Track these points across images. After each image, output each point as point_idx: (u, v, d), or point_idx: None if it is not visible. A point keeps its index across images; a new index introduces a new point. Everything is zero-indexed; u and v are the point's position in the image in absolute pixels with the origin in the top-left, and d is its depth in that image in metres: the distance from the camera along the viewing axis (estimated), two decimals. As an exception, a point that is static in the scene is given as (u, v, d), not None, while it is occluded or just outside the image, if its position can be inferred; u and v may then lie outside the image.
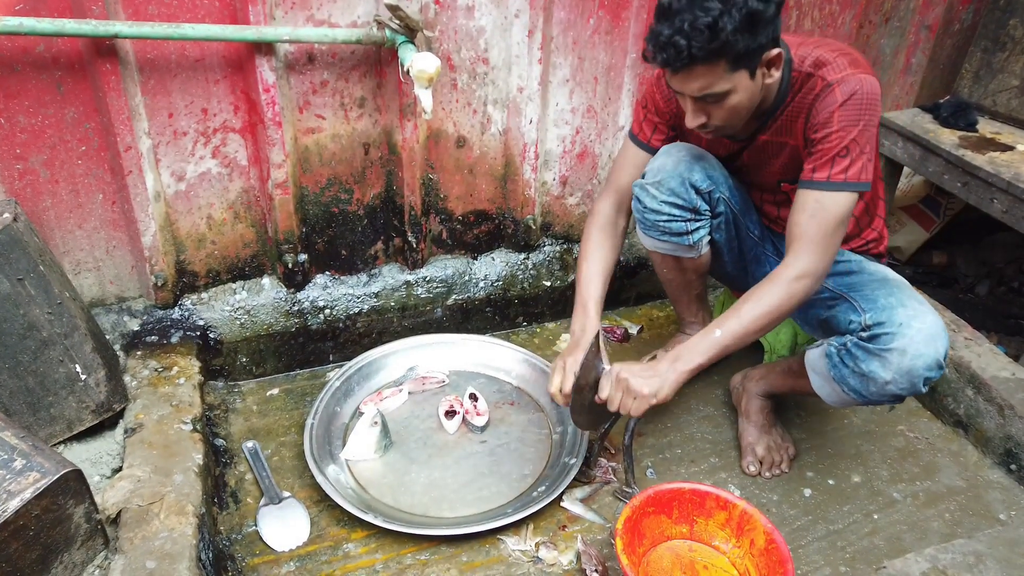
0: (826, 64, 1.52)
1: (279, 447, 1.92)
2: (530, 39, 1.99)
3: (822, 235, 1.52)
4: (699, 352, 1.54)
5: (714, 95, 1.46)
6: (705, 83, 1.44)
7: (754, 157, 1.72)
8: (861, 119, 1.48)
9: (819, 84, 1.52)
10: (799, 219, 1.54)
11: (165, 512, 1.49)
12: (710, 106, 1.49)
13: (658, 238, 1.78)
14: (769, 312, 1.52)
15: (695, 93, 1.46)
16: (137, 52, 1.71)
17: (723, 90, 1.45)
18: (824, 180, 1.51)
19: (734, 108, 1.49)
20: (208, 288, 2.06)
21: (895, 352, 1.53)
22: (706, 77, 1.43)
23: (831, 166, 1.51)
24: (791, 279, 1.52)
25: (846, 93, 1.48)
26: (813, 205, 1.52)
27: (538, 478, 1.85)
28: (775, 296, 1.52)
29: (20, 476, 1.30)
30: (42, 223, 1.81)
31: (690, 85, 1.45)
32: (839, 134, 1.49)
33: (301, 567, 1.64)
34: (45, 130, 1.72)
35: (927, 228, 2.85)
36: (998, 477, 1.92)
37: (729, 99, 1.47)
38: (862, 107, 1.48)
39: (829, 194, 1.51)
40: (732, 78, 1.44)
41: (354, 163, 2.04)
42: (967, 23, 2.61)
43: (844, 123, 1.49)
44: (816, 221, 1.52)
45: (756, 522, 1.60)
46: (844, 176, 1.50)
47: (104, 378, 1.71)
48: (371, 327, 2.20)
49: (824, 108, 1.50)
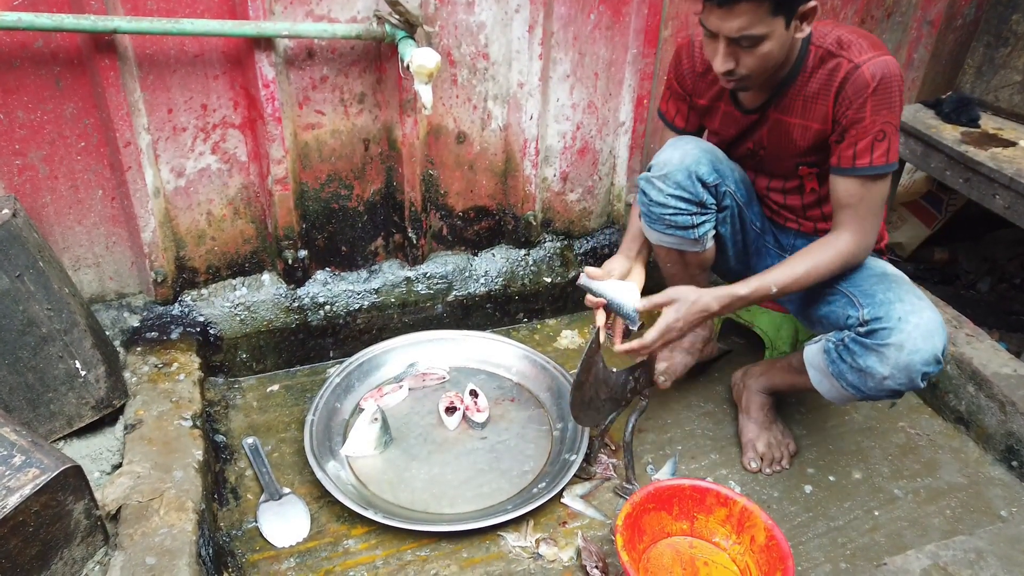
0: (849, 45, 1.53)
1: (279, 443, 1.92)
2: (530, 34, 1.99)
3: (872, 214, 1.61)
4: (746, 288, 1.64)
5: (751, 37, 1.46)
6: (745, 22, 1.44)
7: (772, 138, 1.71)
8: (891, 101, 1.52)
9: (844, 65, 1.53)
10: (847, 200, 1.60)
11: (165, 508, 1.49)
12: (742, 51, 1.49)
13: (663, 231, 1.78)
14: (819, 273, 1.62)
15: (732, 33, 1.46)
16: (136, 47, 1.70)
17: (761, 33, 1.45)
18: (867, 166, 1.56)
19: (765, 56, 1.50)
20: (208, 284, 2.06)
21: (892, 347, 1.53)
22: (748, 16, 1.43)
23: (872, 151, 1.54)
24: (847, 251, 1.62)
25: (876, 77, 1.49)
26: (859, 189, 1.58)
27: (538, 474, 1.85)
28: (830, 259, 1.61)
29: (20, 472, 1.30)
30: (41, 219, 1.81)
31: (730, 23, 1.45)
32: (874, 119, 1.52)
33: (301, 563, 1.64)
34: (44, 126, 1.71)
35: (929, 224, 2.84)
36: (999, 474, 1.91)
37: (763, 45, 1.48)
38: (892, 90, 1.51)
39: (873, 178, 1.57)
40: (771, 22, 1.45)
41: (354, 159, 2.03)
42: (969, 18, 2.60)
43: (878, 107, 1.51)
44: (865, 202, 1.59)
45: (756, 518, 1.60)
46: (885, 159, 1.56)
47: (104, 374, 1.71)
48: (371, 323, 2.20)
49: (856, 94, 1.52)
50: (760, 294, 1.63)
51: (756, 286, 1.63)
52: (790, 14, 1.46)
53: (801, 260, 1.63)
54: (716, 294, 1.64)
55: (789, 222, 1.84)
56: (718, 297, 1.64)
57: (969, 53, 2.57)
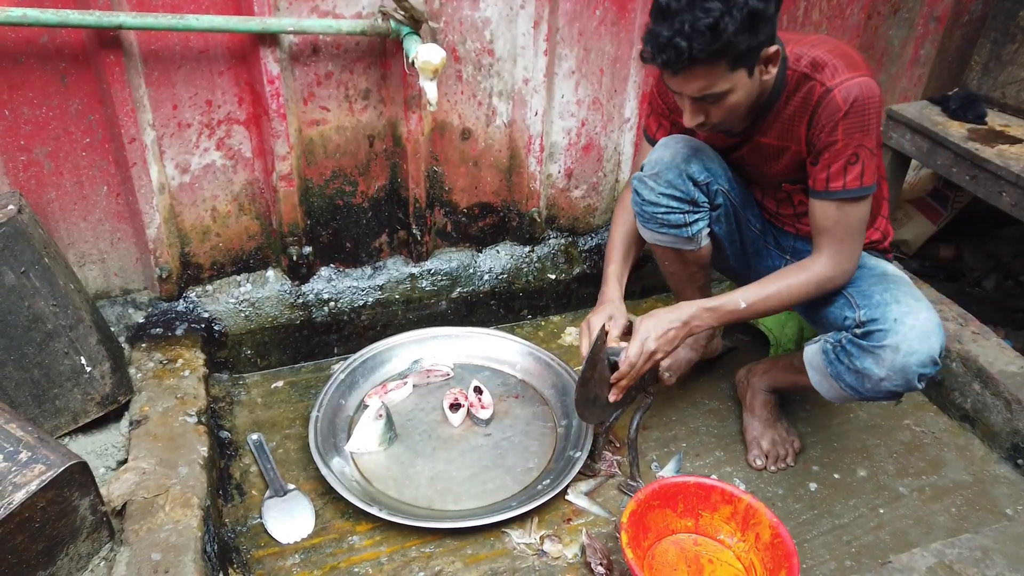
0: (824, 67, 1.51)
1: (284, 440, 1.92)
2: (535, 30, 1.98)
3: (850, 237, 1.59)
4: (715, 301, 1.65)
5: (713, 95, 1.46)
6: (705, 84, 1.43)
7: (753, 157, 1.72)
8: (866, 124, 1.49)
9: (818, 89, 1.51)
10: (823, 224, 1.59)
11: (170, 504, 1.49)
12: (709, 105, 1.50)
13: (656, 230, 1.78)
14: (791, 294, 1.62)
15: (694, 94, 1.46)
16: (141, 43, 1.70)
17: (722, 90, 1.45)
18: (840, 189, 1.54)
19: (733, 106, 1.49)
20: (212, 280, 2.06)
21: (888, 349, 1.54)
22: (706, 78, 1.42)
23: (844, 175, 1.53)
24: (822, 276, 1.60)
25: (848, 100, 1.47)
26: (835, 213, 1.57)
27: (543, 471, 1.85)
28: (802, 282, 1.61)
29: (25, 468, 1.30)
30: (47, 215, 1.81)
31: (689, 86, 1.45)
32: (846, 142, 1.50)
33: (306, 559, 1.64)
34: (49, 122, 1.71)
35: (934, 221, 2.83)
36: (1005, 472, 1.91)
37: (728, 98, 1.47)
38: (865, 112, 1.48)
39: (847, 202, 1.55)
40: (731, 77, 1.43)
41: (358, 155, 2.03)
42: (976, 14, 2.59)
43: (850, 131, 1.49)
44: (841, 226, 1.58)
45: (761, 516, 1.60)
46: (859, 183, 1.53)
47: (109, 370, 1.71)
48: (375, 320, 2.20)
49: (828, 118, 1.50)
50: (728, 308, 1.63)
51: (725, 301, 1.64)
52: (751, 63, 1.44)
53: (773, 281, 1.64)
54: (687, 308, 1.64)
55: (786, 226, 1.84)
56: (689, 312, 1.64)
57: (976, 49, 2.55)
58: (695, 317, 1.64)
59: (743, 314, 1.64)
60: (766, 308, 1.65)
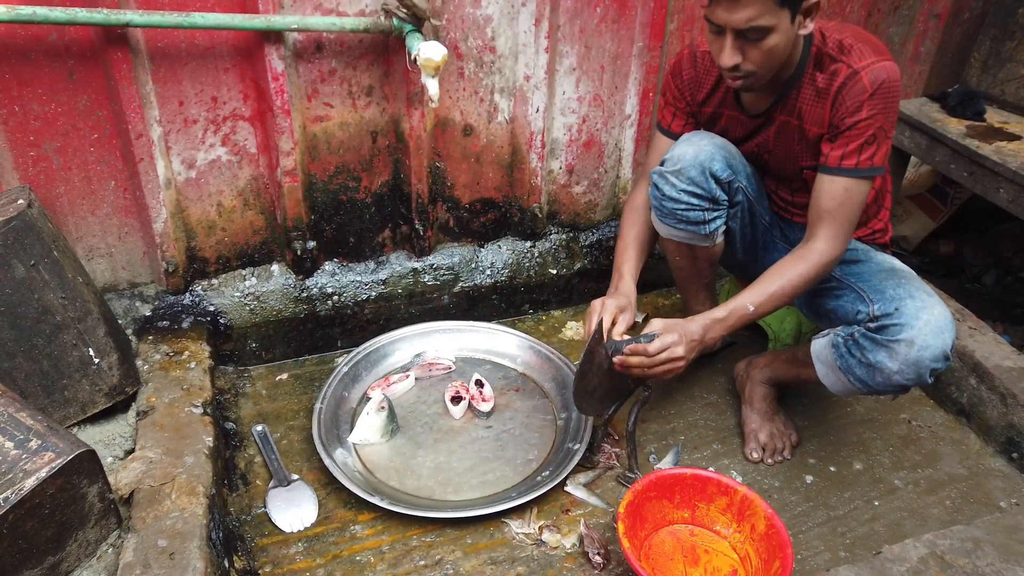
0: (850, 50, 1.54)
1: (288, 431, 1.95)
2: (537, 27, 2.00)
3: (849, 219, 1.60)
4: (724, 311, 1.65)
5: (758, 29, 1.46)
6: (753, 13, 1.44)
7: (777, 141, 1.71)
8: (888, 107, 1.53)
9: (843, 71, 1.53)
10: (827, 204, 1.59)
11: (177, 492, 1.52)
12: (748, 45, 1.49)
13: (674, 226, 1.79)
14: (795, 288, 1.62)
15: (740, 24, 1.46)
16: (148, 40, 1.73)
17: (768, 24, 1.45)
18: (852, 167, 1.56)
19: (771, 50, 1.50)
20: (218, 274, 2.09)
21: (903, 343, 1.55)
22: (755, 7, 1.43)
23: (859, 153, 1.55)
24: (821, 262, 1.60)
25: (874, 83, 1.50)
26: (841, 192, 1.58)
27: (542, 463, 1.87)
28: (803, 273, 1.61)
29: (36, 456, 1.33)
30: (55, 209, 1.84)
31: (737, 14, 1.45)
32: (868, 122, 1.53)
33: (309, 547, 1.67)
34: (58, 118, 1.74)
35: (934, 217, 2.84)
36: (999, 465, 1.93)
37: (769, 38, 1.48)
38: (888, 96, 1.52)
39: (856, 180, 1.57)
40: (778, 14, 1.45)
41: (362, 151, 2.05)
42: (976, 11, 2.60)
43: (873, 112, 1.52)
44: (845, 207, 1.58)
45: (757, 507, 1.62)
46: (871, 163, 1.56)
47: (117, 362, 1.74)
48: (378, 314, 2.22)
49: (853, 98, 1.52)
50: (739, 314, 1.64)
51: (733, 307, 1.64)
52: (795, 7, 1.46)
53: (774, 278, 1.63)
54: (700, 321, 1.64)
55: (797, 217, 1.84)
56: (703, 324, 1.64)
57: (975, 46, 2.56)
58: (709, 329, 1.64)
59: (752, 317, 1.65)
60: (772, 306, 1.65)
